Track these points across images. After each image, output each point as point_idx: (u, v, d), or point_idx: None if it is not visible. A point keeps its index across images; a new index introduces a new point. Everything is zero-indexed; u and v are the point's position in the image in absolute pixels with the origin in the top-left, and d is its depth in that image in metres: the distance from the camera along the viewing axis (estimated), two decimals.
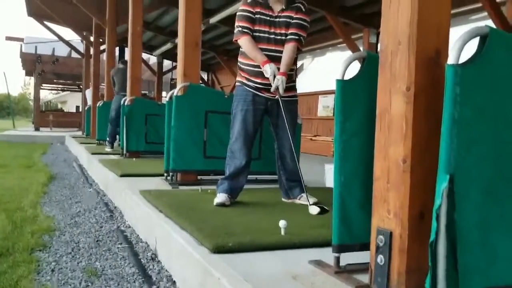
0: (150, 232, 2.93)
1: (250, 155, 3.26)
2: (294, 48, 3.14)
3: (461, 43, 1.28)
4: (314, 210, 2.88)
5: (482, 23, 6.94)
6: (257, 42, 3.16)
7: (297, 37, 3.14)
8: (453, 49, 1.28)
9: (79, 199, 4.49)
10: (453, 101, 1.27)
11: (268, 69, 3.05)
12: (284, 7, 3.19)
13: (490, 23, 6.05)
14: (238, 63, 3.34)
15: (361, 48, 8.82)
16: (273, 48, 3.17)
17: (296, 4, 3.21)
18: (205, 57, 15.93)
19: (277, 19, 3.19)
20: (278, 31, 3.18)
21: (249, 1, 3.21)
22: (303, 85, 11.66)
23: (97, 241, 3.02)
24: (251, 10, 3.18)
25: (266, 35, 3.18)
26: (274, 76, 3.04)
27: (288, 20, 3.18)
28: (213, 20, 10.03)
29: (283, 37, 3.17)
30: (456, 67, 1.27)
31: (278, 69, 3.09)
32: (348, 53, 8.40)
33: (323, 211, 2.84)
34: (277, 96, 3.12)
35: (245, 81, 3.28)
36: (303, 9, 3.20)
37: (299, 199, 3.33)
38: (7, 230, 3.09)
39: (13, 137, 13.52)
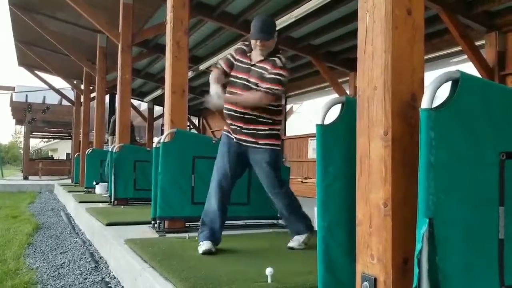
0: (134, 283, 2.84)
1: (224, 199, 3.20)
2: (261, 94, 3.07)
3: (433, 87, 1.30)
4: None
5: (463, 65, 7.11)
6: (232, 86, 3.24)
7: (270, 92, 3.06)
8: (426, 94, 1.30)
9: (64, 250, 4.38)
10: (429, 145, 1.27)
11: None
12: (262, 58, 3.18)
13: (470, 65, 6.21)
14: None
15: (347, 91, 8.98)
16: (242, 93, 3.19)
17: (273, 58, 3.15)
18: (196, 102, 16.11)
19: (252, 67, 3.19)
20: (251, 79, 3.16)
21: (237, 47, 3.37)
22: (293, 128, 11.83)
23: None
24: (234, 55, 3.32)
25: (237, 80, 3.23)
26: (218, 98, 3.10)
27: (262, 71, 3.14)
28: (203, 66, 10.22)
29: (254, 86, 3.13)
30: (429, 111, 1.28)
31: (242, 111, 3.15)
32: (336, 96, 8.54)
33: None
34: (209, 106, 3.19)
35: (225, 126, 3.35)
36: (279, 64, 3.11)
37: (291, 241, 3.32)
38: None
39: (0, 187, 13.33)
